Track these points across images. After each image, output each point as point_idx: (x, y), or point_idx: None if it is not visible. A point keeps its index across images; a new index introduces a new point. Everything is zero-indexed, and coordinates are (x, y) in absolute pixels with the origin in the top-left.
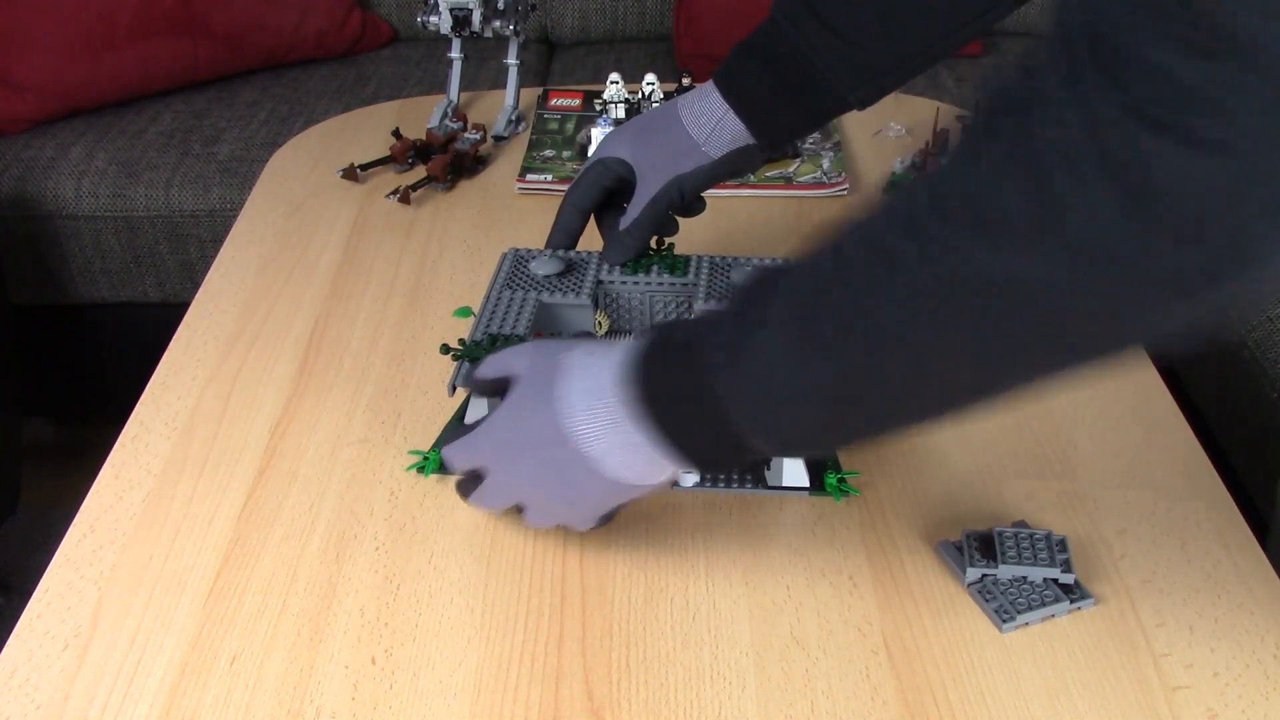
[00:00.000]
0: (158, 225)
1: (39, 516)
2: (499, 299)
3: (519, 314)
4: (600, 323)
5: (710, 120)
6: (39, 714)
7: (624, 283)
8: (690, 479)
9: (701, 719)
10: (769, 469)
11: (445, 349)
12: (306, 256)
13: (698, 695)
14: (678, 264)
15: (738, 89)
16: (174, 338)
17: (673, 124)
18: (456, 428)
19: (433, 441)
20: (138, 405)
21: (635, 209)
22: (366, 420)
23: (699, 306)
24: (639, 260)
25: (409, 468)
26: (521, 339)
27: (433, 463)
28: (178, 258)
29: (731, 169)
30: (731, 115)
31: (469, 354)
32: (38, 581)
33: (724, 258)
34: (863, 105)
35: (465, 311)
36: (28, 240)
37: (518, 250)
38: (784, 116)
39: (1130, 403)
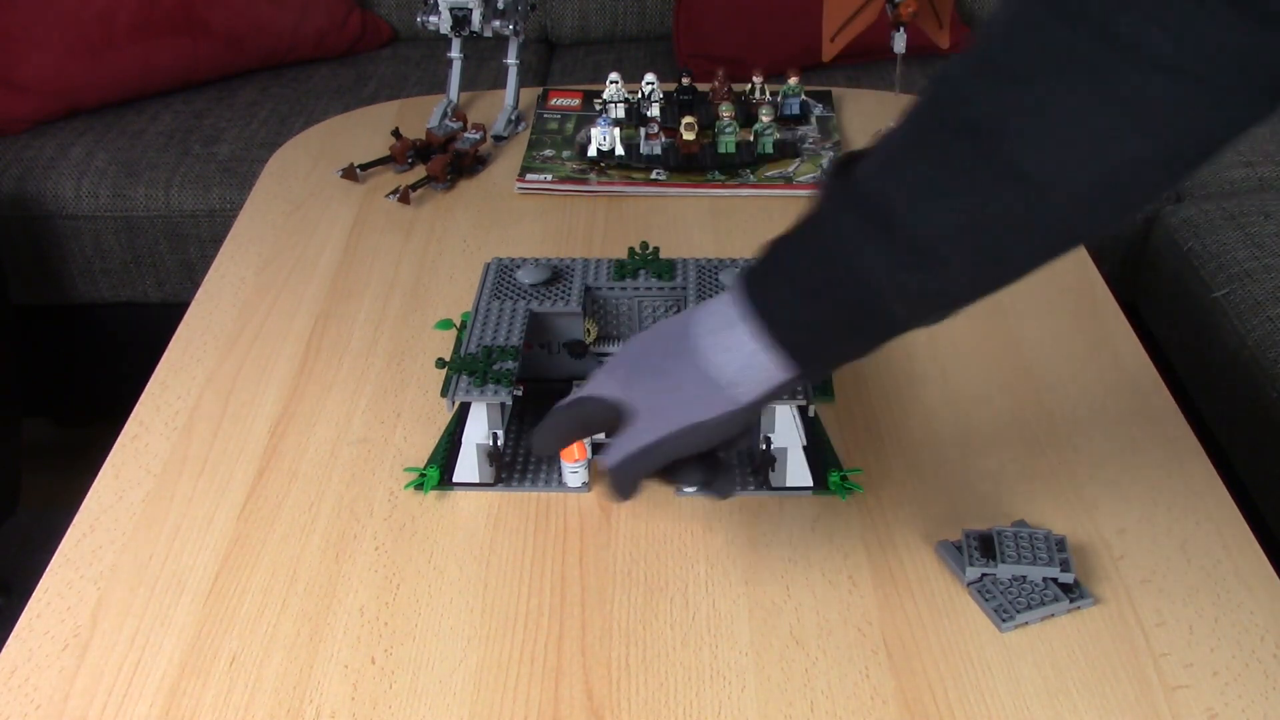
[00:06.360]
0: (158, 225)
1: (39, 516)
2: (488, 310)
3: (510, 324)
4: (589, 329)
5: (739, 356)
6: (39, 714)
7: (612, 289)
8: (692, 486)
9: (701, 718)
10: (773, 469)
11: (440, 363)
12: (306, 256)
13: (698, 695)
14: (665, 268)
15: (778, 319)
16: (174, 338)
17: (685, 358)
18: (449, 444)
19: (428, 456)
20: (138, 405)
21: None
22: (366, 420)
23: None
24: (625, 265)
25: (407, 485)
26: (515, 350)
27: (430, 479)
28: (178, 258)
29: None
30: (763, 355)
31: (464, 367)
32: (38, 581)
33: (711, 260)
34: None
35: (446, 324)
36: (28, 240)
37: (501, 260)
38: (837, 350)
39: (1130, 403)
